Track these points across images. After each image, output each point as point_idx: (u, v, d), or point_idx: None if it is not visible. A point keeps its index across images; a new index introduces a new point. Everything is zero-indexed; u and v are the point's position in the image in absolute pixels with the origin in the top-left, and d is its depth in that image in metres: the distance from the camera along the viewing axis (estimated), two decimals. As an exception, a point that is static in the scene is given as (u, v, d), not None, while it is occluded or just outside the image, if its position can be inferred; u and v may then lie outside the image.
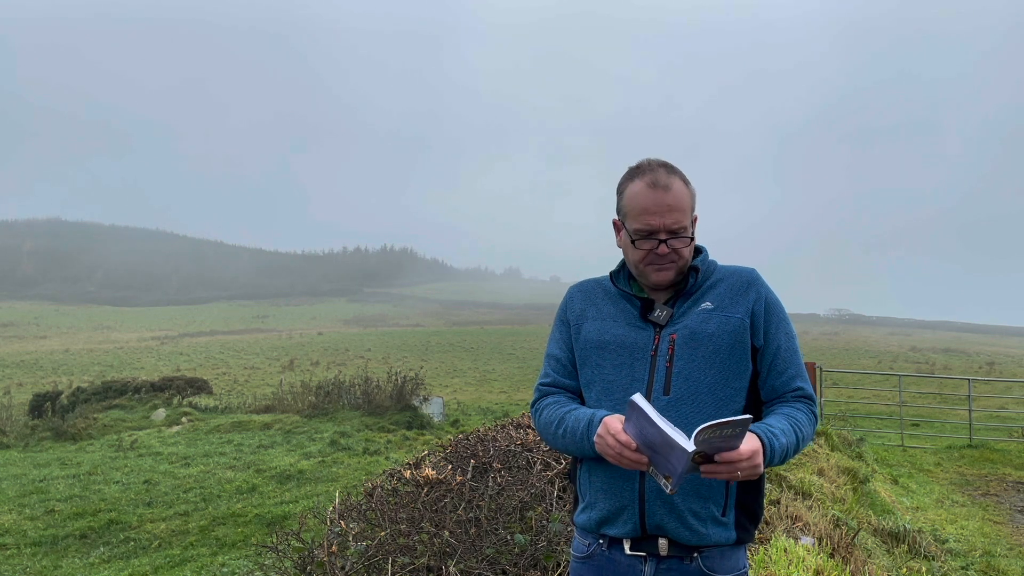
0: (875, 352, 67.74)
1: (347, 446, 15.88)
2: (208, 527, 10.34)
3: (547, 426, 1.99)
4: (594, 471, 1.95)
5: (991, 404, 22.44)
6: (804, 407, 1.92)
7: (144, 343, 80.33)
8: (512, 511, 3.74)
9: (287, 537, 3.84)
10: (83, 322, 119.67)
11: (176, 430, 19.33)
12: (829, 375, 20.30)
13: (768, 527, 4.59)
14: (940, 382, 31.02)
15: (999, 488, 10.08)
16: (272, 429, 18.60)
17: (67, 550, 9.77)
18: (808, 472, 7.07)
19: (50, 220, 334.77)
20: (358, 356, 57.69)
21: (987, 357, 65.13)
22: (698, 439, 1.59)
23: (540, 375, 2.11)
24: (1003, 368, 51.56)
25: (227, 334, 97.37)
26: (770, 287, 1.99)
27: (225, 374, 47.32)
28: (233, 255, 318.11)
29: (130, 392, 25.25)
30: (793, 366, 1.95)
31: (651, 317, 1.95)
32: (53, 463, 15.37)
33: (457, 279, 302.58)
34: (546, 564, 3.27)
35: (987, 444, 13.59)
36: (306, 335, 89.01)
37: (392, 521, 3.66)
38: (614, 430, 1.73)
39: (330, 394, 21.45)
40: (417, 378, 22.00)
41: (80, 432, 19.11)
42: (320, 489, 12.11)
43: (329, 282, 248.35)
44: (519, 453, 4.63)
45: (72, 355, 63.69)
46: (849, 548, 4.74)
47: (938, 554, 6.27)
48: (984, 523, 8.07)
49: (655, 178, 1.90)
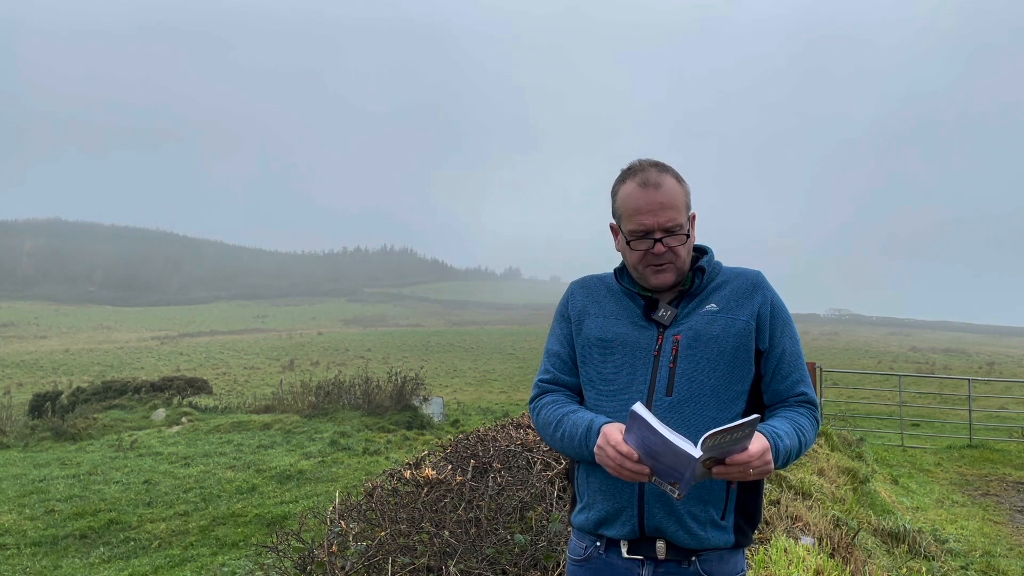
0: (875, 352, 67.81)
1: (347, 446, 15.88)
2: (208, 527, 10.34)
3: (545, 426, 1.97)
4: (592, 471, 1.93)
5: (991, 404, 22.44)
6: (807, 412, 1.91)
7: (144, 343, 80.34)
8: (512, 511, 3.74)
9: (287, 537, 3.83)
10: (83, 322, 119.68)
11: (176, 430, 19.33)
12: (829, 375, 20.30)
13: (768, 527, 4.59)
14: (940, 382, 31.03)
15: (999, 488, 10.08)
16: (272, 429, 18.60)
17: (67, 550, 9.77)
18: (808, 472, 7.07)
19: (50, 220, 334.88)
20: (358, 356, 57.72)
21: (987, 357, 65.19)
22: (705, 445, 1.57)
23: (539, 371, 2.09)
24: (1003, 368, 51.59)
25: (227, 334, 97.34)
26: (775, 290, 1.98)
27: (225, 374, 47.34)
28: (233, 255, 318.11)
29: (130, 392, 25.25)
30: (797, 371, 1.94)
31: (655, 316, 1.93)
32: (53, 463, 15.37)
33: (457, 279, 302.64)
34: (546, 564, 3.27)
35: (987, 444, 13.59)
36: (306, 335, 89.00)
37: (392, 521, 3.66)
38: (614, 440, 1.70)
39: (330, 394, 21.45)
40: (417, 378, 22.01)
41: (80, 432, 19.11)
42: (320, 489, 12.11)
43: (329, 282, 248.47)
44: (519, 453, 4.62)
45: (72, 355, 63.70)
46: (849, 548, 4.74)
47: (938, 554, 6.27)
48: (984, 523, 8.07)
49: (646, 177, 1.89)
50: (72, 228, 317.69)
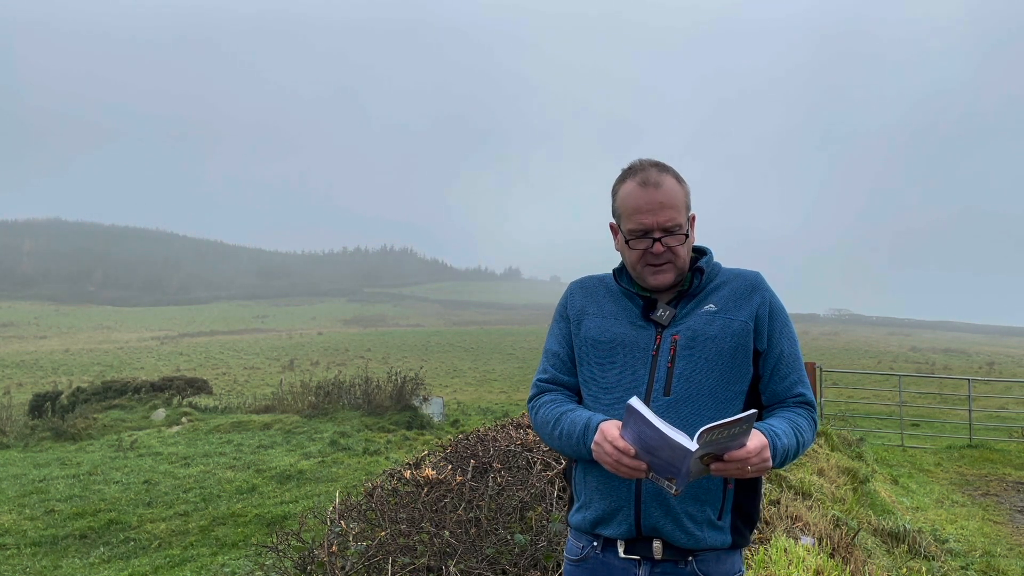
0: (875, 352, 67.83)
1: (347, 446, 15.88)
2: (208, 527, 10.34)
3: (544, 425, 1.97)
4: (590, 471, 1.93)
5: (991, 404, 22.44)
6: (805, 412, 1.92)
7: (144, 343, 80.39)
8: (512, 511, 3.74)
9: (287, 537, 3.84)
10: (83, 322, 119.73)
11: (176, 430, 19.33)
12: (829, 375, 20.30)
13: (768, 527, 4.59)
14: (940, 382, 31.03)
15: (999, 488, 10.08)
16: (272, 429, 18.60)
17: (67, 550, 9.77)
18: (808, 472, 7.07)
19: (50, 220, 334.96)
20: (358, 356, 57.76)
21: (987, 357, 65.23)
22: (702, 439, 1.58)
23: (538, 370, 2.09)
24: (1003, 368, 51.62)
25: (227, 334, 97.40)
26: (774, 291, 1.98)
27: (225, 374, 47.38)
28: (233, 255, 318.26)
29: (130, 392, 25.23)
30: (795, 372, 1.94)
31: (653, 316, 1.93)
32: (53, 463, 15.37)
33: (457, 279, 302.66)
34: (546, 564, 3.27)
35: (987, 444, 13.59)
36: (306, 335, 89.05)
37: (392, 521, 3.66)
38: (611, 436, 1.70)
39: (330, 394, 21.45)
40: (417, 378, 22.01)
41: (80, 432, 19.10)
42: (320, 489, 12.11)
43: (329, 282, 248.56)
44: (519, 453, 4.62)
45: (72, 355, 63.75)
46: (849, 548, 4.74)
47: (938, 554, 6.27)
48: (984, 523, 8.07)
49: (646, 177, 1.89)
50: (72, 228, 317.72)
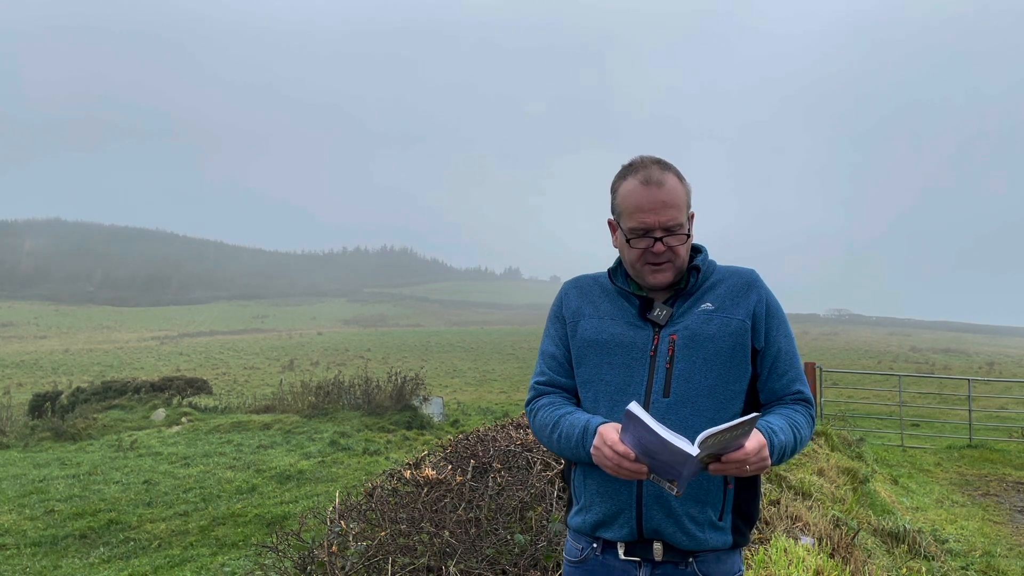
0: (875, 352, 67.79)
1: (347, 446, 15.88)
2: (208, 527, 10.34)
3: (542, 428, 1.95)
4: (589, 473, 1.91)
5: (991, 404, 22.44)
6: (803, 410, 1.91)
7: (144, 343, 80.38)
8: (512, 511, 3.74)
9: (287, 537, 3.83)
10: (83, 322, 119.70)
11: (176, 430, 19.32)
12: (829, 375, 20.28)
13: (768, 527, 4.59)
14: (940, 382, 31.04)
15: (999, 488, 10.08)
16: (272, 429, 18.59)
17: (67, 550, 9.76)
18: (808, 472, 7.07)
19: (50, 220, 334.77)
20: (358, 356, 57.74)
21: (987, 357, 65.21)
22: (704, 444, 1.57)
23: (535, 372, 2.07)
24: (1003, 368, 51.62)
25: (227, 334, 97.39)
26: (770, 289, 1.97)
27: (225, 374, 47.37)
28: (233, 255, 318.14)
29: (130, 392, 25.23)
30: (793, 369, 1.93)
31: (650, 316, 1.91)
32: (53, 463, 15.36)
33: (457, 279, 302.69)
34: (546, 564, 3.27)
35: (987, 444, 13.59)
36: (306, 335, 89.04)
37: (392, 521, 3.66)
38: (611, 440, 1.68)
39: (330, 394, 21.45)
40: (417, 378, 22.01)
41: (80, 432, 19.10)
42: (320, 489, 12.11)
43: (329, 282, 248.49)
44: (519, 453, 4.62)
45: (72, 355, 63.74)
46: (849, 548, 4.74)
47: (938, 554, 6.27)
48: (984, 523, 8.07)
49: (648, 175, 1.86)
50: (72, 228, 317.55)
